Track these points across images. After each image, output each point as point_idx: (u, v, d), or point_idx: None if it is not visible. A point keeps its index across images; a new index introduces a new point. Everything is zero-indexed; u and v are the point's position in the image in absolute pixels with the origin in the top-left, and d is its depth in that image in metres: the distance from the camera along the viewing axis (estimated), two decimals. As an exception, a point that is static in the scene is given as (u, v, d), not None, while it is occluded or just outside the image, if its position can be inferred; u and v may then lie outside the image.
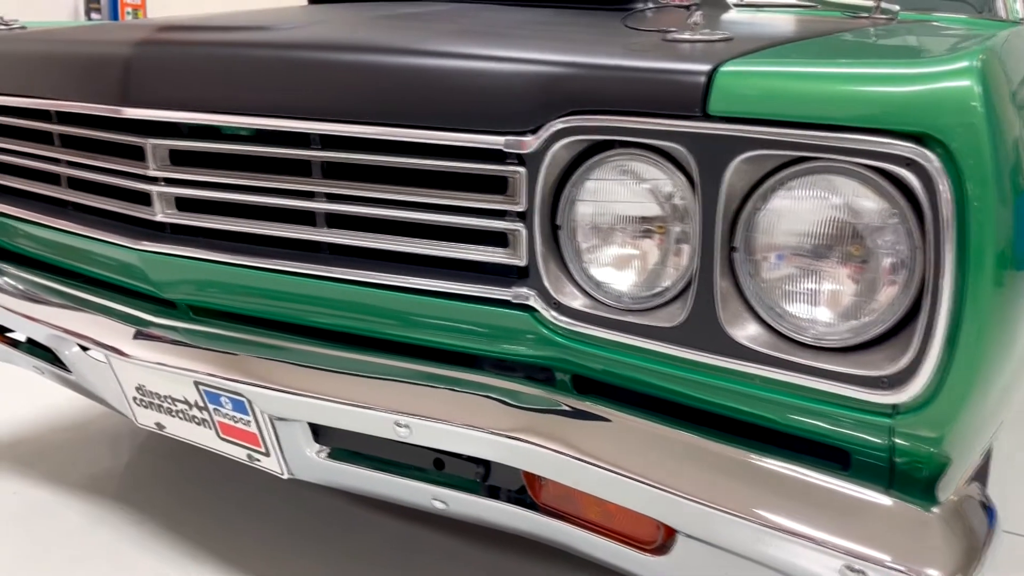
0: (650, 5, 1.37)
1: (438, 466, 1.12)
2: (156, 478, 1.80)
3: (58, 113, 1.20)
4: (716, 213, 0.75)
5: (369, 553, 1.53)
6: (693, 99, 0.73)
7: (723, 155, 0.73)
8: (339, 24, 1.06)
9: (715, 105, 0.73)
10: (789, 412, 0.77)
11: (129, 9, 4.69)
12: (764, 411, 0.78)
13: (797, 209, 0.73)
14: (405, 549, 1.54)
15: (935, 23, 1.63)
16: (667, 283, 0.82)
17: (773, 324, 0.75)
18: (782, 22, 1.39)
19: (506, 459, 0.89)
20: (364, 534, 1.59)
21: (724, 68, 0.73)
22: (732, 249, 0.76)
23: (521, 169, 0.87)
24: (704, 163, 0.74)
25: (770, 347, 0.75)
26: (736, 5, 1.87)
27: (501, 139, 0.85)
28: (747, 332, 0.76)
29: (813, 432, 0.76)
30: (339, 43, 0.95)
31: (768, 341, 0.75)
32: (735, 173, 0.73)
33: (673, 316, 0.80)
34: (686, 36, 0.88)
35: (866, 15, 1.62)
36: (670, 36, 0.89)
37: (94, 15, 4.63)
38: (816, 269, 0.73)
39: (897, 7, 1.65)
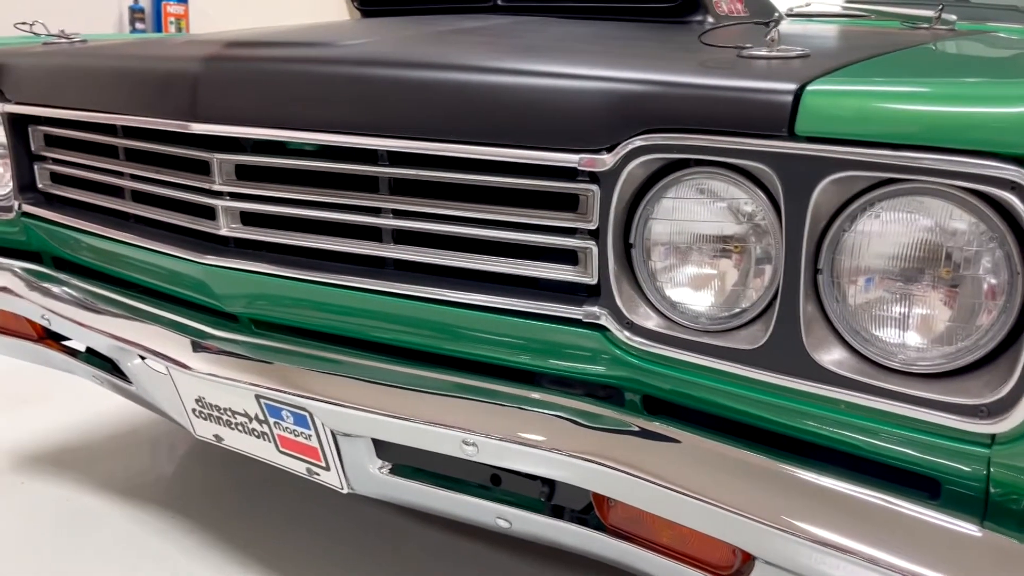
0: (709, 19, 1.36)
1: (495, 482, 1.12)
2: (206, 487, 1.81)
3: (124, 127, 1.21)
4: (802, 234, 0.73)
5: (415, 563, 1.53)
6: (779, 119, 0.72)
7: (810, 176, 0.71)
8: (405, 40, 1.06)
9: (802, 125, 0.71)
10: (876, 439, 0.75)
11: (172, 19, 4.76)
12: (848, 437, 0.77)
13: (887, 231, 0.71)
14: (450, 560, 1.54)
15: (997, 34, 1.60)
16: (746, 304, 0.81)
17: (859, 348, 0.74)
18: (846, 35, 1.37)
19: (577, 480, 0.88)
20: (410, 545, 1.60)
21: (812, 87, 0.72)
22: (816, 271, 0.75)
23: (593, 186, 0.86)
24: (790, 183, 0.73)
25: (857, 372, 0.73)
26: (788, 15, 1.85)
27: (575, 157, 0.84)
28: (832, 356, 0.74)
29: (901, 460, 0.74)
30: (410, 60, 0.94)
31: (854, 366, 0.74)
32: (822, 194, 0.72)
33: (753, 338, 0.79)
34: (763, 52, 0.86)
35: (926, 26, 1.59)
36: (745, 52, 0.88)
37: (138, 25, 4.71)
38: (906, 293, 0.71)
39: (954, 17, 1.62)
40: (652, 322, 0.85)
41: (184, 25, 4.82)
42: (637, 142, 0.81)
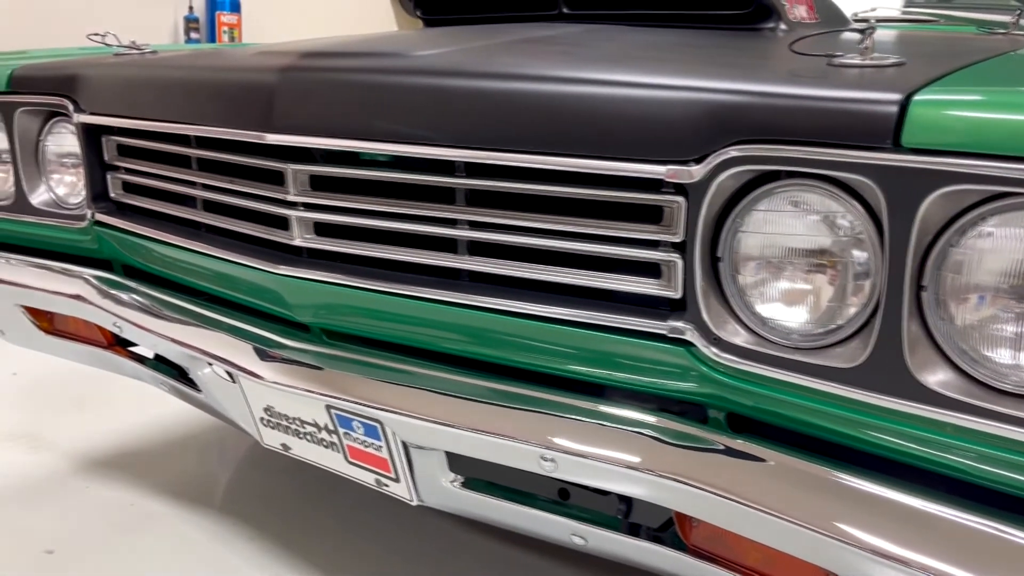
0: (782, 26, 1.33)
1: (563, 496, 1.10)
2: (264, 492, 1.83)
3: (197, 138, 1.22)
4: (906, 250, 0.71)
5: (472, 573, 1.52)
6: (884, 130, 0.69)
7: (917, 189, 0.69)
8: (480, 50, 1.05)
9: (909, 136, 0.69)
10: (983, 463, 0.72)
11: (226, 28, 4.84)
12: (953, 461, 0.73)
13: (999, 247, 0.68)
14: (507, 571, 1.53)
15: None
16: (842, 321, 0.78)
17: (967, 369, 0.71)
18: (926, 41, 1.33)
19: (661, 499, 0.86)
20: (467, 555, 1.59)
21: (919, 97, 0.69)
22: (920, 288, 0.72)
23: (679, 198, 0.84)
24: (895, 197, 0.70)
25: (965, 394, 0.70)
26: (855, 21, 1.81)
27: (662, 168, 0.82)
28: (937, 377, 0.71)
29: (1012, 486, 0.71)
30: (490, 71, 0.93)
31: (962, 387, 0.71)
32: (929, 208, 0.69)
33: (851, 356, 0.76)
34: (856, 60, 0.84)
35: (1003, 31, 1.55)
36: (837, 60, 0.85)
37: (193, 35, 4.79)
38: (1021, 312, 0.68)
39: (1031, 21, 1.57)
40: (740, 338, 0.83)
41: (237, 34, 4.89)
42: (729, 153, 0.79)
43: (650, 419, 0.89)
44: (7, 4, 4.17)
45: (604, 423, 0.91)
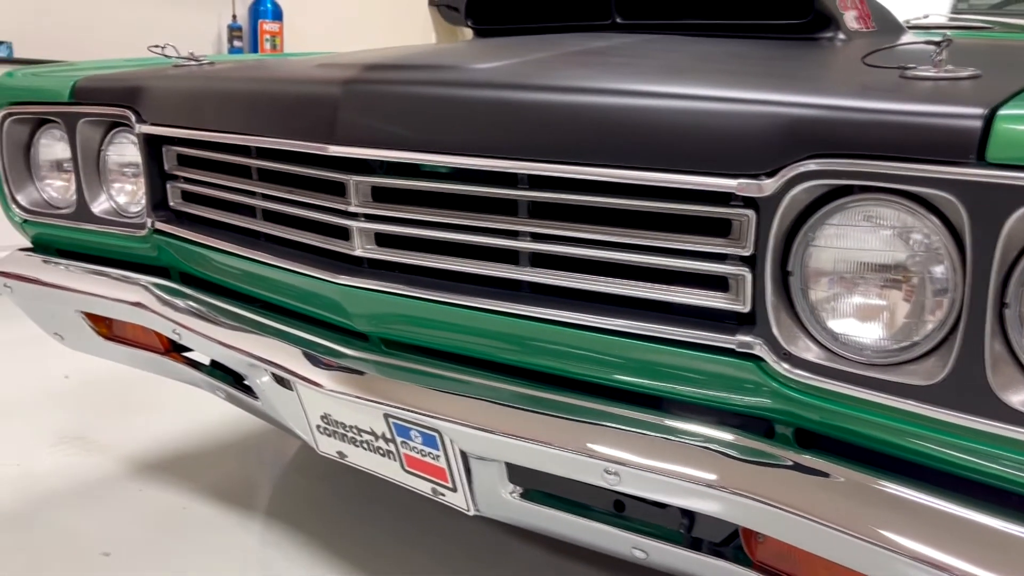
0: (840, 36, 1.32)
1: (618, 507, 1.10)
2: (312, 497, 1.84)
3: (257, 148, 1.24)
4: (989, 267, 0.69)
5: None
6: (967, 145, 0.68)
7: (1003, 205, 0.67)
8: (540, 62, 1.06)
9: (994, 152, 0.67)
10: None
11: (268, 36, 4.90)
12: (1036, 481, 0.72)
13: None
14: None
15: None
16: (919, 337, 0.77)
17: (1055, 389, 0.69)
18: (991, 50, 1.30)
19: (730, 515, 0.85)
20: (514, 562, 1.59)
21: (1004, 111, 0.68)
22: (1003, 305, 0.71)
23: (748, 212, 0.84)
24: (978, 213, 0.69)
25: (1050, 414, 0.69)
26: (910, 28, 1.79)
27: (733, 182, 0.82)
28: (1021, 396, 0.70)
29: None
30: (556, 84, 0.93)
31: (1048, 407, 0.69)
32: (1015, 224, 0.68)
33: (929, 373, 0.75)
34: (930, 73, 0.82)
35: (1064, 38, 1.52)
36: (910, 73, 0.84)
37: (236, 43, 4.86)
38: (1110, 331, 0.67)
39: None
40: (812, 354, 0.82)
41: (279, 42, 4.95)
42: (804, 167, 0.78)
43: (721, 435, 0.88)
44: (57, 13, 4.27)
45: (670, 437, 0.90)
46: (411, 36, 6.05)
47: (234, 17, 4.89)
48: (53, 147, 1.59)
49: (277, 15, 4.95)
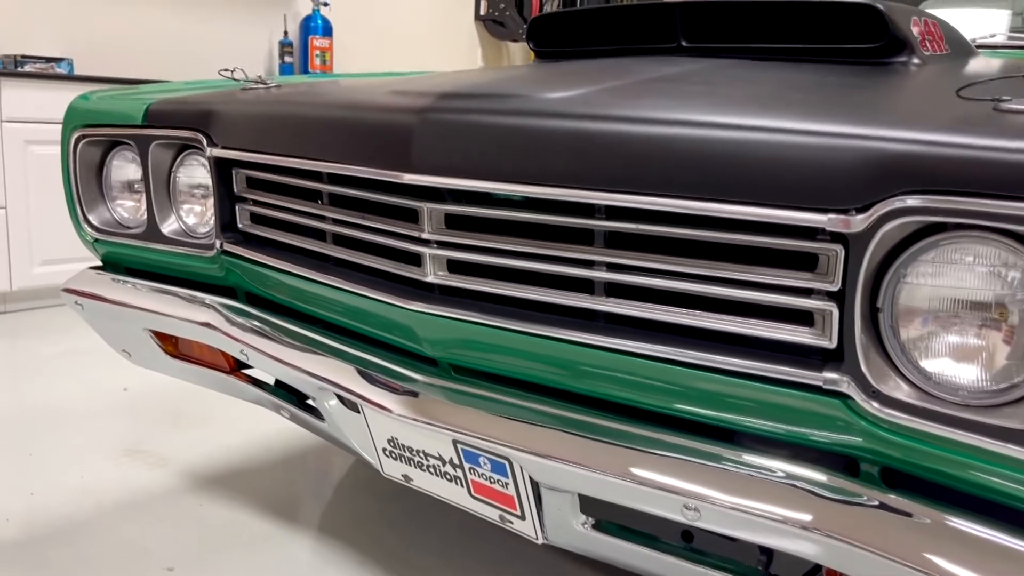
0: (915, 60, 1.29)
1: (686, 538, 1.08)
2: (369, 515, 1.85)
3: (328, 174, 1.25)
4: (1098, 309, 0.67)
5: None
6: (1075, 184, 0.67)
7: (1113, 247, 0.65)
8: (614, 91, 1.05)
9: (1102, 192, 0.66)
10: None
11: (318, 52, 4.97)
12: None
13: None
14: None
15: None
16: (1019, 379, 0.75)
17: None
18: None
19: (816, 556, 0.83)
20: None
21: (1113, 150, 0.66)
22: (1111, 349, 0.68)
23: (837, 246, 0.82)
24: (1086, 254, 0.67)
25: None
26: (979, 47, 1.75)
27: (823, 217, 0.81)
28: None
29: None
30: (636, 116, 0.93)
31: None
32: (1126, 267, 0.65)
33: (1029, 417, 0.73)
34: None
35: None
36: (1004, 106, 0.82)
37: (287, 59, 4.94)
38: None
39: None
40: (903, 393, 0.80)
41: (329, 58, 5.03)
42: (897, 203, 0.76)
43: (807, 472, 0.86)
44: (115, 30, 4.37)
45: (753, 473, 0.89)
46: (458, 51, 6.10)
47: (285, 33, 4.97)
48: (125, 168, 1.63)
49: (327, 31, 5.02)
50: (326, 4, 5.06)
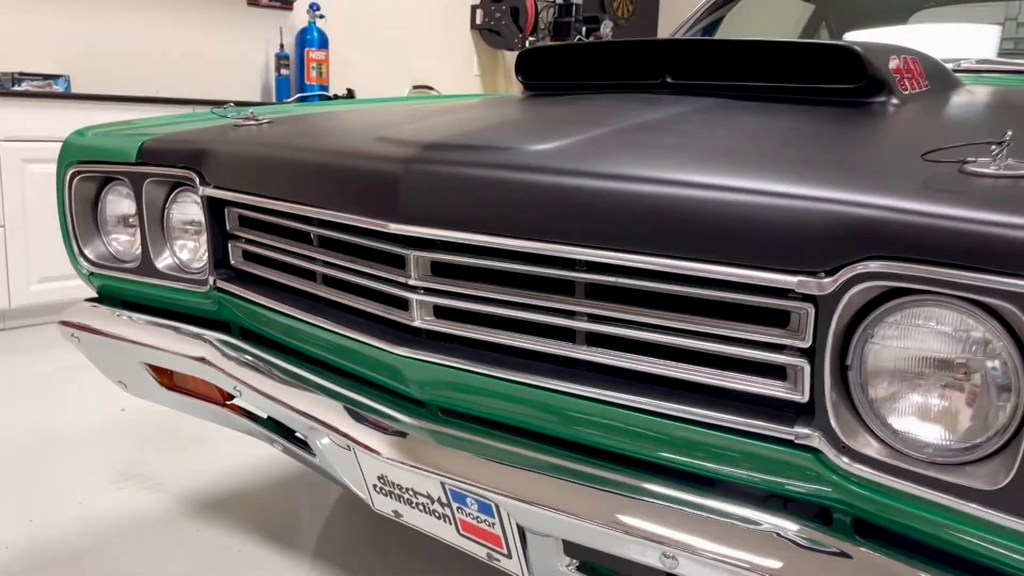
0: (894, 100, 1.32)
1: None
2: (366, 540, 1.87)
3: (318, 218, 1.28)
4: (1053, 378, 0.70)
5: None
6: (1028, 258, 0.69)
7: (1066, 320, 0.68)
8: (595, 143, 1.07)
9: (1058, 267, 0.68)
10: None
11: (314, 64, 5.00)
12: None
13: None
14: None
15: None
16: (981, 439, 0.77)
17: (1121, 503, 0.69)
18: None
19: (788, 606, 0.86)
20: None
21: (1066, 226, 0.69)
22: (1067, 415, 0.71)
23: (807, 305, 0.85)
24: (1041, 326, 0.70)
25: (1117, 528, 0.68)
26: (956, 71, 1.78)
27: (794, 279, 0.83)
28: (1089, 509, 0.70)
29: None
30: (612, 173, 0.95)
31: (1114, 520, 0.69)
32: (1079, 339, 0.68)
33: (992, 478, 0.75)
34: (989, 171, 0.83)
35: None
36: (969, 168, 0.84)
37: (283, 71, 4.96)
38: None
39: None
40: (872, 449, 0.83)
41: (325, 70, 5.05)
42: (861, 268, 0.79)
43: (782, 522, 0.89)
44: (111, 46, 4.40)
45: (727, 520, 0.91)
46: (454, 61, 6.13)
47: (281, 46, 5.00)
48: (119, 203, 1.65)
49: (323, 43, 5.05)
50: (322, 16, 5.09)
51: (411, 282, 1.13)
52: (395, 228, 1.10)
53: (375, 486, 1.29)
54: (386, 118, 1.57)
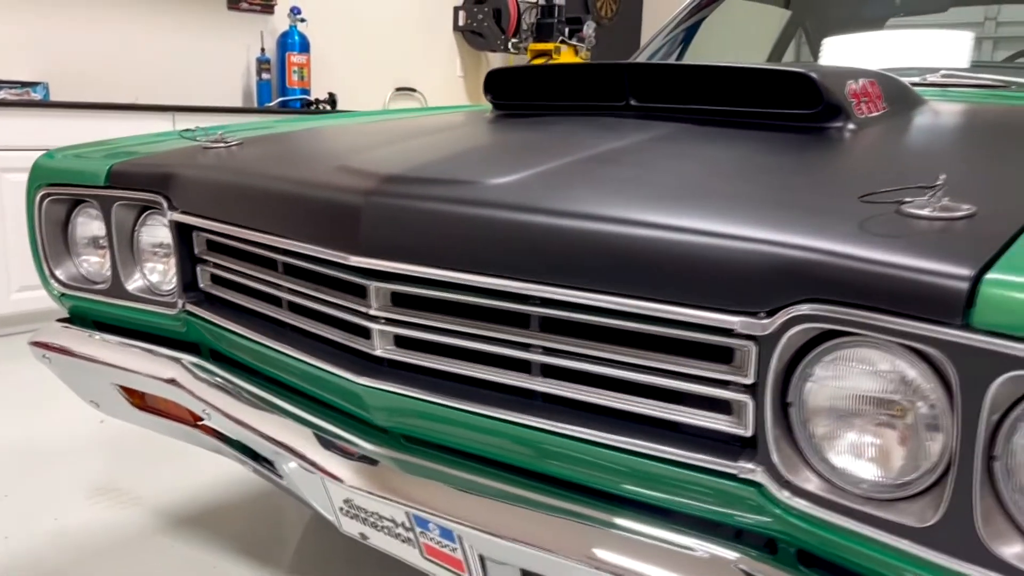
0: (850, 125, 1.34)
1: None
2: (343, 554, 1.89)
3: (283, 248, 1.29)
4: (976, 423, 0.72)
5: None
6: (953, 308, 0.71)
7: (987, 369, 0.70)
8: (552, 176, 1.09)
9: (979, 317, 0.70)
10: (1056, 634, 0.73)
11: (296, 68, 4.99)
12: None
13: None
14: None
15: None
16: (913, 476, 0.80)
17: (1042, 543, 0.72)
18: (1003, 140, 1.32)
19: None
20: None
21: (990, 276, 0.71)
22: (992, 458, 0.73)
23: (749, 343, 0.87)
24: (964, 374, 0.72)
25: (1039, 567, 0.71)
26: (915, 85, 1.80)
27: (736, 319, 0.85)
28: (1013, 549, 0.72)
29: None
30: (562, 210, 0.97)
31: (1037, 560, 0.72)
32: (1001, 386, 0.70)
33: (922, 515, 0.77)
34: (925, 212, 0.85)
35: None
36: (905, 209, 0.87)
37: (264, 75, 4.96)
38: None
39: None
40: (812, 484, 0.85)
41: (306, 73, 5.05)
42: (797, 310, 0.81)
43: (728, 553, 0.91)
44: (91, 51, 4.38)
45: (681, 550, 0.93)
46: (437, 63, 6.13)
47: (262, 50, 4.99)
48: (89, 226, 1.66)
49: (304, 47, 5.04)
50: (303, 20, 5.08)
51: (372, 312, 1.15)
52: (355, 261, 1.12)
53: (342, 509, 1.31)
54: (354, 140, 1.58)
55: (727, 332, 0.89)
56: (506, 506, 1.06)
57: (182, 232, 1.49)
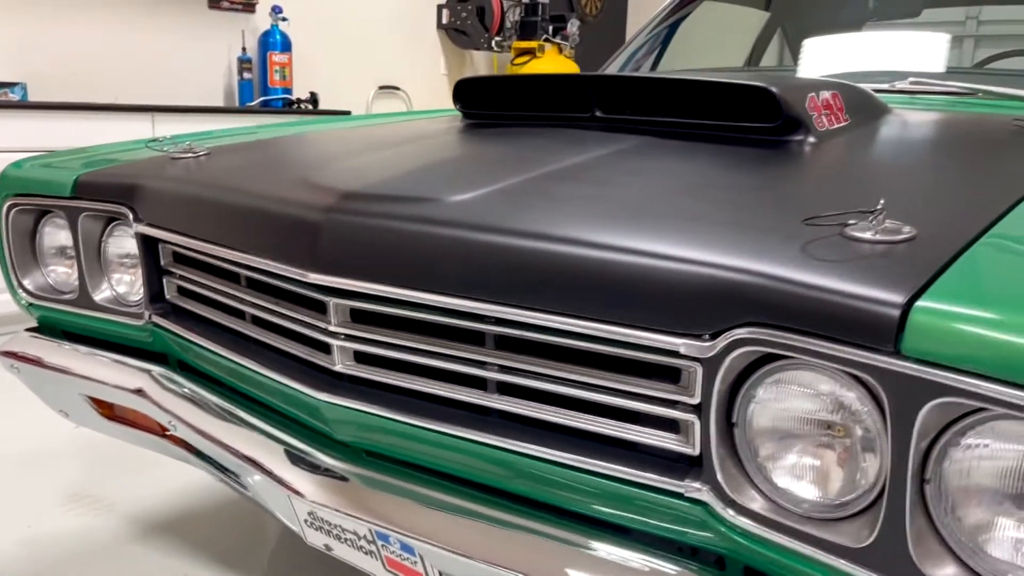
0: (811, 139, 1.35)
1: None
2: (316, 559, 1.90)
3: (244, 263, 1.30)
4: (907, 447, 0.74)
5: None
6: (885, 335, 0.73)
7: (917, 396, 0.72)
8: (511, 195, 1.10)
9: (909, 345, 0.72)
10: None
11: (277, 68, 4.98)
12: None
13: (996, 454, 0.71)
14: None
15: None
16: (851, 497, 0.81)
17: (973, 566, 0.73)
18: (956, 155, 1.33)
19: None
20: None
21: (920, 303, 0.72)
22: (924, 481, 0.75)
23: (694, 364, 0.88)
24: (895, 399, 0.73)
25: (969, 589, 0.73)
26: (883, 92, 1.81)
27: (680, 341, 0.86)
28: (944, 571, 0.74)
29: None
30: (517, 229, 0.98)
31: (966, 582, 0.73)
32: (929, 413, 0.72)
33: (858, 535, 0.79)
34: (867, 236, 0.86)
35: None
36: (848, 232, 0.88)
37: (246, 75, 4.94)
38: (1017, 514, 0.71)
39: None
40: (757, 504, 0.86)
41: (288, 73, 5.03)
42: (738, 333, 0.82)
43: (673, 567, 0.93)
44: (70, 51, 4.36)
45: (634, 567, 0.95)
46: (421, 60, 6.12)
47: (244, 50, 4.97)
48: (56, 236, 1.66)
49: (286, 47, 5.03)
50: (285, 19, 5.06)
51: (332, 328, 1.16)
52: (314, 278, 1.13)
53: (306, 521, 1.32)
54: (320, 151, 1.59)
55: (675, 353, 0.90)
56: (462, 520, 1.07)
57: (148, 244, 1.49)
